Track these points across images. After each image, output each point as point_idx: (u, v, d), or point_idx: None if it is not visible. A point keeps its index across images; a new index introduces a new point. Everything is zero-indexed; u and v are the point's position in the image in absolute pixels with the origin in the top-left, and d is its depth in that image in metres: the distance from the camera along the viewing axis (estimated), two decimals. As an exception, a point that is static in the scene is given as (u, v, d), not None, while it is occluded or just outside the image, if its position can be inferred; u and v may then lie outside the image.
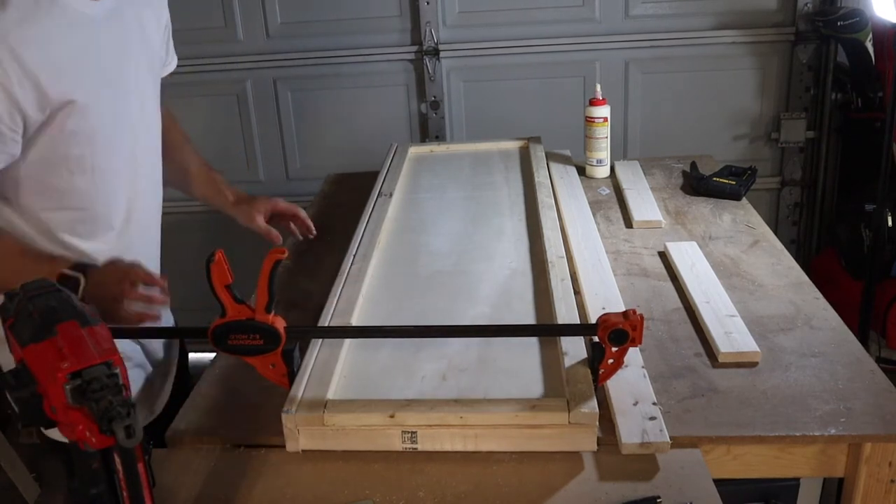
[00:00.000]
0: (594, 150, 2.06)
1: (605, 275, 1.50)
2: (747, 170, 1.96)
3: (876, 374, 1.20)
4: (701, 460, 1.06)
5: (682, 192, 1.96)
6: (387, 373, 1.21)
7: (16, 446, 2.52)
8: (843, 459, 1.12)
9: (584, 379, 1.12)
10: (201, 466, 1.11)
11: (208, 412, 1.21)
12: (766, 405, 1.14)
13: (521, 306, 1.39)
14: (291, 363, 1.16)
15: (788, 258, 1.59)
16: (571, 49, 2.74)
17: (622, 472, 1.04)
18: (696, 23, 2.70)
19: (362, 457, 1.09)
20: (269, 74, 2.86)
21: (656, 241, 1.68)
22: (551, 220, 1.68)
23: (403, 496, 1.02)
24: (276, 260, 1.10)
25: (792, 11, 2.67)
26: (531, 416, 1.07)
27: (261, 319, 1.11)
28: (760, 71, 2.74)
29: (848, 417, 1.11)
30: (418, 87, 2.84)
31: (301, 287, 1.60)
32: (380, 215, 1.77)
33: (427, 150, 2.30)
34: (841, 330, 1.33)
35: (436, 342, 1.26)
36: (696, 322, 1.37)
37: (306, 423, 1.09)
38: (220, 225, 3.04)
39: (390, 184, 1.98)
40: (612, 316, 1.09)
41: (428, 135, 2.87)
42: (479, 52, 2.78)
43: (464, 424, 1.08)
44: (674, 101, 2.79)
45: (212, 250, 1.10)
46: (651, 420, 1.09)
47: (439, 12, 2.74)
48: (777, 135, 2.79)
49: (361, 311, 1.39)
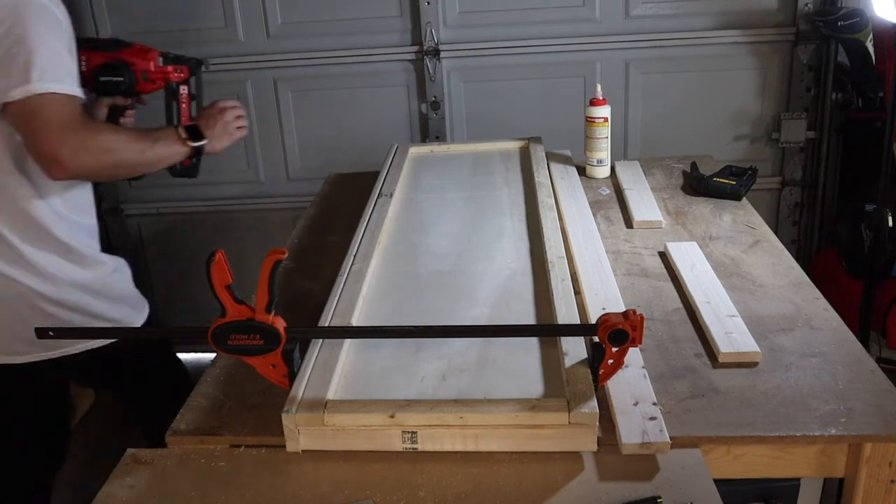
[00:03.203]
0: (594, 151, 2.06)
1: (606, 275, 1.50)
2: (748, 170, 1.96)
3: (876, 375, 1.20)
4: (701, 460, 1.06)
5: (682, 192, 1.96)
6: (387, 373, 1.21)
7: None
8: (843, 459, 1.12)
9: (584, 379, 1.12)
10: (201, 466, 1.11)
11: (208, 412, 1.21)
12: (767, 405, 1.14)
13: (521, 306, 1.39)
14: (291, 363, 1.16)
15: (789, 258, 1.59)
16: (572, 49, 2.74)
17: (622, 472, 1.04)
18: (697, 23, 2.70)
19: (362, 457, 1.09)
20: (270, 75, 2.86)
21: (656, 242, 1.68)
22: (551, 221, 1.68)
23: (403, 496, 1.02)
24: (276, 260, 1.10)
25: (792, 11, 2.67)
26: (531, 416, 1.07)
27: (261, 319, 1.11)
28: (761, 71, 2.74)
29: (848, 418, 1.11)
30: (419, 87, 2.84)
31: (301, 287, 1.60)
32: (380, 215, 1.77)
33: (427, 150, 2.30)
34: (841, 330, 1.33)
35: (436, 342, 1.26)
36: (696, 322, 1.37)
37: (306, 423, 1.09)
38: (220, 225, 3.05)
39: (390, 184, 1.98)
40: (613, 316, 1.09)
41: (428, 135, 2.87)
42: (479, 53, 2.78)
43: (464, 424, 1.08)
44: (674, 101, 2.79)
45: (212, 250, 1.10)
46: (651, 420, 1.09)
47: (440, 12, 2.74)
48: (777, 135, 2.79)
49: (361, 311, 1.39)
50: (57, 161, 1.37)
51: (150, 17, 2.81)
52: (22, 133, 1.41)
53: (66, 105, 1.39)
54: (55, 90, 1.37)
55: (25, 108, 1.36)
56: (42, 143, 1.37)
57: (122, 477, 1.10)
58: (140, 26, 2.83)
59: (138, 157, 1.51)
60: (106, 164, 1.46)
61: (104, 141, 1.44)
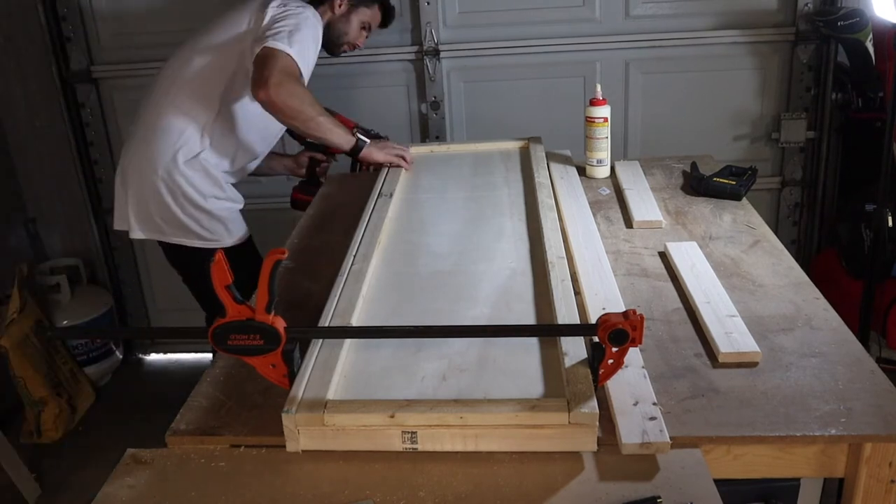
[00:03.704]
0: (594, 151, 2.05)
1: (606, 275, 1.50)
2: (748, 170, 1.96)
3: (876, 375, 1.20)
4: (701, 460, 1.06)
5: (682, 192, 1.96)
6: (387, 373, 1.21)
7: (16, 446, 2.53)
8: (843, 459, 1.12)
9: (584, 379, 1.12)
10: (201, 466, 1.11)
11: (208, 412, 1.21)
12: (767, 405, 1.14)
13: (521, 306, 1.39)
14: (291, 363, 1.16)
15: (789, 258, 1.59)
16: (572, 49, 2.75)
17: (622, 472, 1.04)
18: (697, 23, 2.70)
19: (362, 457, 1.09)
20: (270, 74, 2.85)
21: (656, 242, 1.68)
22: (551, 221, 1.68)
23: (403, 496, 1.02)
24: (276, 260, 1.11)
25: (792, 11, 2.67)
26: (531, 416, 1.07)
27: (261, 319, 1.11)
28: (761, 71, 2.74)
29: (848, 418, 1.11)
30: (418, 87, 2.84)
31: (301, 287, 1.60)
32: (380, 215, 1.77)
33: (427, 150, 2.30)
34: (841, 330, 1.33)
35: (436, 342, 1.26)
36: (696, 322, 1.37)
37: (306, 423, 1.09)
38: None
39: (390, 184, 1.98)
40: (613, 316, 1.09)
41: (428, 135, 2.87)
42: (479, 53, 2.78)
43: (464, 424, 1.08)
44: (674, 101, 2.79)
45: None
46: (651, 420, 1.09)
47: (440, 12, 2.74)
48: (777, 135, 2.79)
49: (361, 311, 1.39)
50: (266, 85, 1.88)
51: (149, 16, 2.82)
52: (255, 66, 1.93)
53: (294, 67, 1.94)
54: (296, 58, 1.94)
55: (269, 53, 1.91)
56: (265, 71, 1.89)
57: (122, 477, 1.10)
58: (140, 26, 2.83)
59: (315, 118, 1.99)
60: (292, 106, 1.93)
61: (303, 93, 1.95)
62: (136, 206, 2.12)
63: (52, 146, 2.98)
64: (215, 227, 2.16)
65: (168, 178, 2.07)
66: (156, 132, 2.08)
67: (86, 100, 2.94)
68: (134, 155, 2.12)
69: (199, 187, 2.10)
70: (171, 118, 2.08)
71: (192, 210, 2.11)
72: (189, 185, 2.09)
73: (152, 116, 2.10)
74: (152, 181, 2.08)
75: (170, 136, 2.07)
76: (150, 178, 2.08)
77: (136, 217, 2.13)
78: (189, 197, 2.10)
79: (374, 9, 2.26)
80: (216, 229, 2.16)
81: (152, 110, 2.11)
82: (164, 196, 2.08)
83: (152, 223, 2.13)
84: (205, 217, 2.13)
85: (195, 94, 2.08)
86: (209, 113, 2.08)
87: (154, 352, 3.37)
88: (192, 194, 2.10)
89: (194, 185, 2.10)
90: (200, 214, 2.13)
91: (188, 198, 2.10)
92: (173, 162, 2.07)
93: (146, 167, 2.09)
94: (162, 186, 2.08)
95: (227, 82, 2.07)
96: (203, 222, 2.14)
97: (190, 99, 2.08)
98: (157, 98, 2.12)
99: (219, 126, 2.10)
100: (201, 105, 2.08)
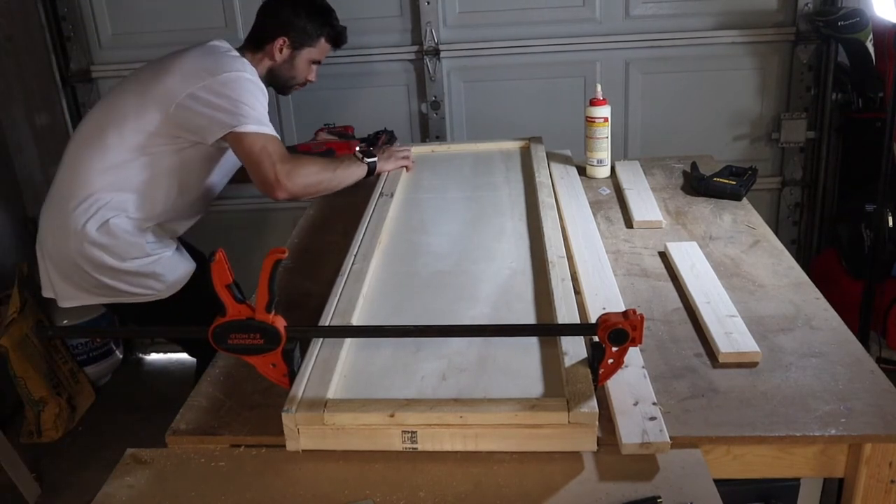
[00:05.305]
0: (594, 150, 2.06)
1: (606, 275, 1.50)
2: (748, 170, 1.96)
3: (876, 375, 1.20)
4: (701, 460, 1.06)
5: (682, 192, 1.97)
6: (387, 372, 1.21)
7: (16, 446, 2.53)
8: (843, 460, 1.12)
9: (584, 379, 1.12)
10: (201, 466, 1.11)
11: (208, 412, 1.21)
12: (767, 405, 1.14)
13: (521, 306, 1.39)
14: (292, 363, 1.16)
15: (789, 258, 1.59)
16: (572, 49, 2.74)
17: (622, 472, 1.04)
18: (697, 23, 2.70)
19: (362, 456, 1.09)
20: (270, 74, 2.86)
21: (656, 242, 1.68)
22: (552, 220, 1.68)
23: (403, 496, 1.02)
24: (276, 260, 1.11)
25: (792, 11, 2.66)
26: (531, 415, 1.07)
27: (261, 319, 1.12)
28: (761, 71, 2.74)
29: (848, 418, 1.11)
30: (419, 87, 2.83)
31: (301, 287, 1.60)
32: (380, 215, 1.77)
33: (428, 150, 2.30)
34: (841, 330, 1.33)
35: (436, 342, 1.26)
36: (696, 322, 1.37)
37: (306, 423, 1.09)
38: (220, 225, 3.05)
39: (391, 184, 1.98)
40: (612, 316, 1.09)
41: (428, 135, 2.87)
42: (479, 52, 2.78)
43: (464, 424, 1.08)
44: (674, 101, 2.79)
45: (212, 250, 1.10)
46: (651, 420, 1.09)
47: (440, 12, 2.74)
48: (777, 135, 2.79)
49: (362, 310, 1.39)
50: (279, 185, 1.82)
51: (149, 16, 2.81)
52: (248, 165, 1.85)
53: (275, 141, 1.84)
54: (266, 129, 1.84)
55: (248, 145, 1.83)
56: (263, 173, 1.82)
57: (122, 477, 1.10)
58: (140, 26, 2.83)
59: (332, 178, 1.94)
60: (310, 184, 1.87)
61: (307, 166, 1.89)
62: (59, 275, 1.95)
63: (52, 146, 2.98)
64: (146, 282, 1.96)
65: (82, 249, 1.89)
66: (69, 196, 1.90)
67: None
68: (50, 222, 1.95)
69: (116, 253, 1.90)
70: (83, 178, 1.89)
71: (116, 274, 1.92)
72: (105, 253, 1.89)
73: (68, 173, 1.93)
74: (67, 253, 1.91)
75: (82, 201, 1.88)
76: (65, 250, 1.91)
77: (62, 285, 1.96)
78: (108, 265, 1.90)
79: (319, 44, 2.11)
80: (148, 284, 1.96)
81: (68, 165, 1.94)
82: (83, 265, 1.90)
83: (81, 291, 1.95)
84: (131, 277, 1.94)
85: (110, 149, 1.88)
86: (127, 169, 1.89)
87: (154, 351, 3.37)
88: (110, 262, 1.90)
89: (111, 252, 1.90)
90: (126, 276, 1.93)
91: (107, 266, 1.90)
92: (83, 232, 1.87)
93: (60, 238, 1.91)
94: (78, 258, 1.90)
95: (147, 134, 1.88)
96: (132, 281, 1.94)
97: (103, 154, 1.89)
98: (75, 150, 1.95)
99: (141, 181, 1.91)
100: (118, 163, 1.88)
